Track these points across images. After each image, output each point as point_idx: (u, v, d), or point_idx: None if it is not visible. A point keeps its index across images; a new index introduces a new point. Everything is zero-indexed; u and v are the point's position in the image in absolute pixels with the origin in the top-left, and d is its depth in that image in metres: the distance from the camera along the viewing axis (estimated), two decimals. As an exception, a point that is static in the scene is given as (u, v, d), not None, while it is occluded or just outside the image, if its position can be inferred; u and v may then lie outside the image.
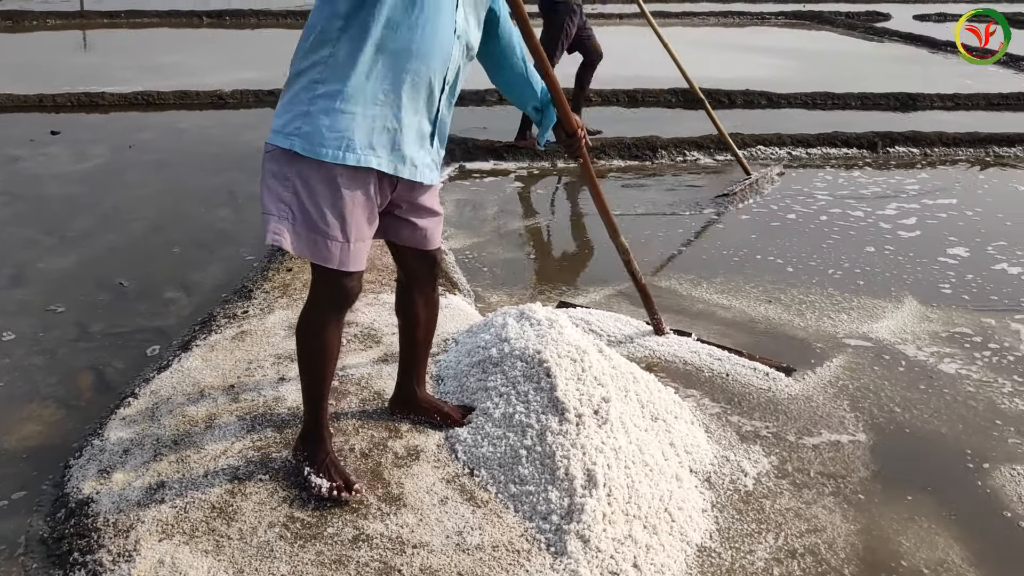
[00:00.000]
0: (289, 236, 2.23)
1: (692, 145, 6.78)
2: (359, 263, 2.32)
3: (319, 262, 2.28)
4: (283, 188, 2.22)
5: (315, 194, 2.20)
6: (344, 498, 2.42)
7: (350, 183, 2.21)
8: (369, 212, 2.29)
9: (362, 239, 2.30)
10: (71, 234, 4.82)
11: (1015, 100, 8.83)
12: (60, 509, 2.52)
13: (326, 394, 2.50)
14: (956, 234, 5.16)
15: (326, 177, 2.19)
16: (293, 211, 2.22)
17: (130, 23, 13.33)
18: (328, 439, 2.55)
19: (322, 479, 2.45)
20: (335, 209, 2.21)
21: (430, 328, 2.74)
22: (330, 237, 2.23)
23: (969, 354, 3.69)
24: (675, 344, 3.60)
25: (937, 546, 2.53)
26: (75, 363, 3.45)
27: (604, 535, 2.33)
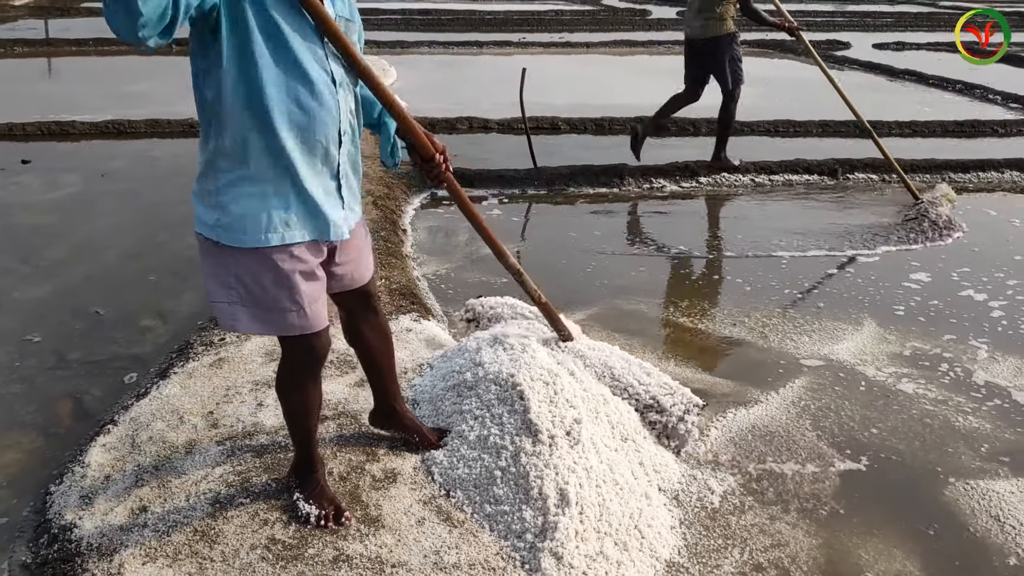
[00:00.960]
0: (244, 319, 2.28)
1: (658, 173, 6.94)
2: (321, 322, 2.34)
3: (285, 333, 2.33)
4: (225, 274, 2.24)
5: (256, 275, 2.22)
6: (332, 527, 2.49)
7: (284, 258, 2.22)
8: (312, 274, 2.29)
9: (315, 300, 2.31)
10: (45, 263, 4.85)
11: (970, 127, 9.11)
12: (43, 535, 2.56)
13: (313, 434, 2.58)
14: (916, 258, 5.34)
15: (260, 259, 2.21)
16: (240, 294, 2.25)
17: (98, 51, 13.33)
18: (320, 469, 2.62)
19: (312, 507, 2.52)
20: (279, 284, 2.23)
21: (386, 351, 2.76)
22: (284, 310, 2.26)
23: (926, 374, 3.83)
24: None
25: (895, 558, 2.65)
26: (53, 391, 3.49)
27: (577, 552, 2.42)
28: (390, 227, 5.37)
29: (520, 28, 17.50)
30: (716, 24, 6.75)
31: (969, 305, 4.61)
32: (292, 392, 2.47)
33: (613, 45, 15.46)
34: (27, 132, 7.79)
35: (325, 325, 2.37)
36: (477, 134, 8.49)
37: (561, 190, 6.69)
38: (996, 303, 4.63)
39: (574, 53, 14.56)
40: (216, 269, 2.25)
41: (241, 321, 2.28)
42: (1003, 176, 7.31)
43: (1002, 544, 2.73)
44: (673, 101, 7.14)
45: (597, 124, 8.74)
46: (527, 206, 6.47)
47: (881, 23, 20.74)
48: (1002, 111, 10.38)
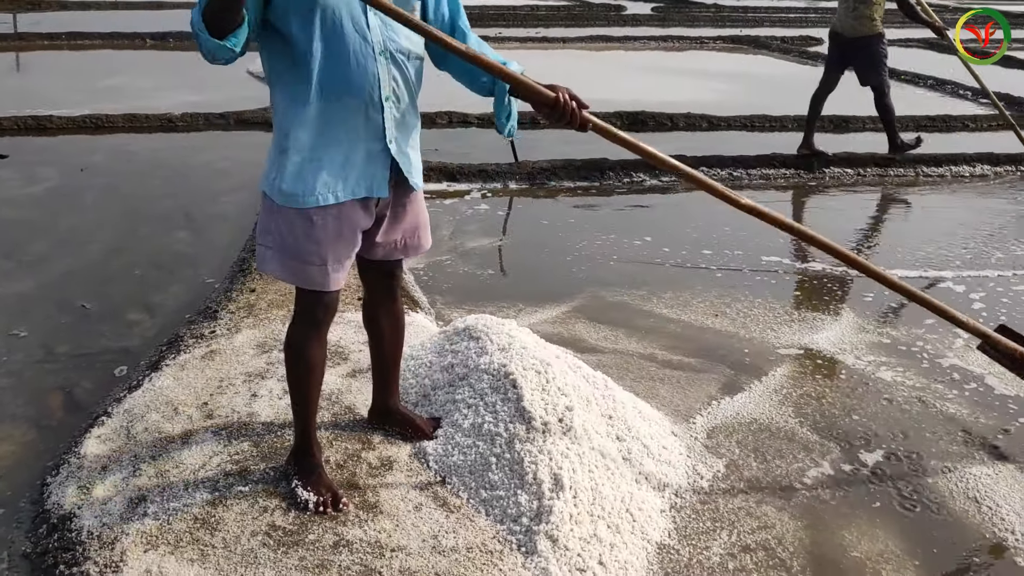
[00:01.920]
0: (273, 262, 2.49)
1: (639, 167, 7.01)
2: (338, 283, 2.51)
3: (302, 285, 2.49)
4: (269, 222, 2.47)
5: (294, 229, 2.42)
6: (330, 513, 2.54)
7: (323, 219, 2.40)
8: (343, 237, 2.46)
9: (339, 261, 2.48)
10: (28, 258, 4.83)
11: (942, 122, 9.27)
12: (42, 525, 2.58)
13: (314, 411, 2.66)
14: (890, 249, 5.45)
15: (301, 217, 2.40)
16: (275, 240, 2.45)
17: (71, 44, 13.21)
18: (318, 454, 2.69)
19: (310, 493, 2.58)
20: (312, 240, 2.42)
21: (396, 341, 2.87)
22: (308, 263, 2.44)
23: (904, 362, 3.93)
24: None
25: (878, 538, 2.73)
26: (43, 384, 3.50)
27: (571, 535, 2.48)
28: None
29: (496, 23, 17.53)
30: (868, 24, 7.09)
31: (949, 296, 4.72)
32: (299, 350, 2.57)
33: (589, 40, 15.54)
34: (3, 127, 7.72)
35: (340, 287, 2.53)
36: (457, 128, 8.53)
37: (543, 184, 6.75)
38: (976, 295, 4.76)
39: (550, 48, 14.63)
40: (264, 217, 2.49)
41: (269, 263, 2.49)
42: (974, 169, 7.45)
43: (979, 523, 2.83)
44: (815, 101, 7.45)
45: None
46: (509, 200, 6.52)
47: (852, 19, 20.95)
48: (973, 106, 10.58)
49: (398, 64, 2.41)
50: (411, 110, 2.50)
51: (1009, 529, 2.80)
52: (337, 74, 2.31)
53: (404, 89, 2.45)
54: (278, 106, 2.39)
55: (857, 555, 2.66)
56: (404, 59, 2.42)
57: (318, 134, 2.35)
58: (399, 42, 2.40)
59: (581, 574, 2.41)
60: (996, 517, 2.86)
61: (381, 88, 2.37)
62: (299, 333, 2.57)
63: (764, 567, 2.57)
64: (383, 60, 2.37)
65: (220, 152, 7.28)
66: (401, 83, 2.43)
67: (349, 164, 2.39)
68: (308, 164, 2.37)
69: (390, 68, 2.39)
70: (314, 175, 2.37)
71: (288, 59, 2.32)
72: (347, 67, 2.32)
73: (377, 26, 2.35)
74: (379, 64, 2.36)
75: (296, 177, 2.37)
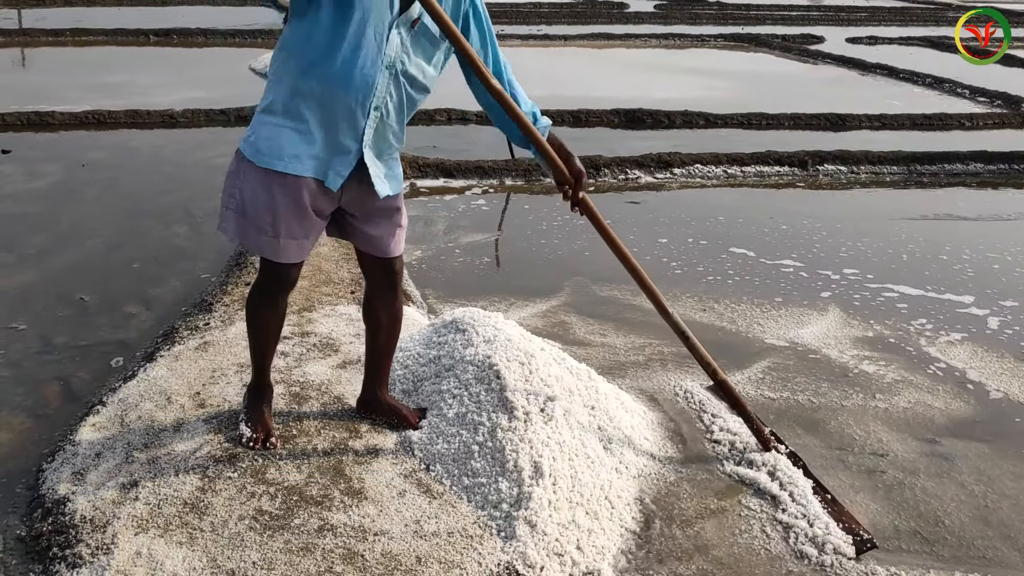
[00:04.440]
0: (231, 225, 2.62)
1: (633, 164, 7.07)
2: (288, 257, 2.62)
3: (252, 251, 2.69)
4: (233, 184, 2.60)
5: (254, 193, 2.55)
6: (257, 448, 2.80)
7: (282, 187, 2.52)
8: (300, 214, 2.57)
9: (292, 237, 2.59)
10: (29, 251, 4.92)
11: (938, 120, 9.32)
12: (36, 509, 2.66)
13: (268, 358, 2.90)
14: (888, 253, 5.52)
15: (262, 179, 2.53)
16: (237, 203, 2.58)
17: (75, 41, 13.29)
18: (267, 396, 2.95)
19: (247, 429, 2.84)
20: (267, 208, 2.54)
21: (391, 334, 2.94)
22: (261, 231, 2.57)
23: (886, 356, 4.00)
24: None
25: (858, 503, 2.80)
26: (41, 375, 3.57)
27: (550, 520, 2.55)
28: (370, 216, 5.47)
29: (498, 20, 17.56)
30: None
31: (937, 300, 4.79)
32: (255, 308, 2.80)
33: (591, 38, 15.59)
34: (6, 122, 7.80)
35: (293, 262, 2.65)
36: (456, 125, 8.60)
37: (538, 180, 6.81)
38: (969, 297, 4.83)
39: (552, 46, 14.70)
40: (230, 178, 2.61)
41: (228, 224, 2.62)
42: (968, 168, 7.50)
43: (959, 505, 2.90)
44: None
45: (574, 116, 8.86)
46: (506, 196, 6.59)
47: (855, 17, 21.01)
48: (970, 104, 10.62)
49: (399, 84, 2.50)
50: (396, 128, 2.59)
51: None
52: (343, 67, 2.40)
53: (395, 107, 2.54)
54: (280, 72, 2.49)
55: (830, 542, 2.73)
56: (407, 83, 2.52)
57: (305, 110, 2.45)
58: (408, 68, 2.50)
59: (559, 558, 2.48)
60: (977, 500, 2.93)
61: (375, 97, 2.47)
62: (254, 297, 2.79)
63: (742, 552, 2.64)
64: (387, 73, 2.46)
65: (220, 148, 7.34)
66: (395, 100, 2.52)
67: (320, 147, 2.49)
68: (285, 130, 2.48)
69: (390, 83, 2.48)
70: (288, 142, 2.48)
71: (307, 35, 2.41)
72: (353, 66, 2.41)
73: (396, 44, 2.45)
74: (381, 75, 2.45)
75: (270, 138, 2.49)
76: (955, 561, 2.68)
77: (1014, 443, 3.36)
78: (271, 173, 2.50)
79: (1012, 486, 3.06)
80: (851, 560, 2.59)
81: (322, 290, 4.22)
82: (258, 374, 2.92)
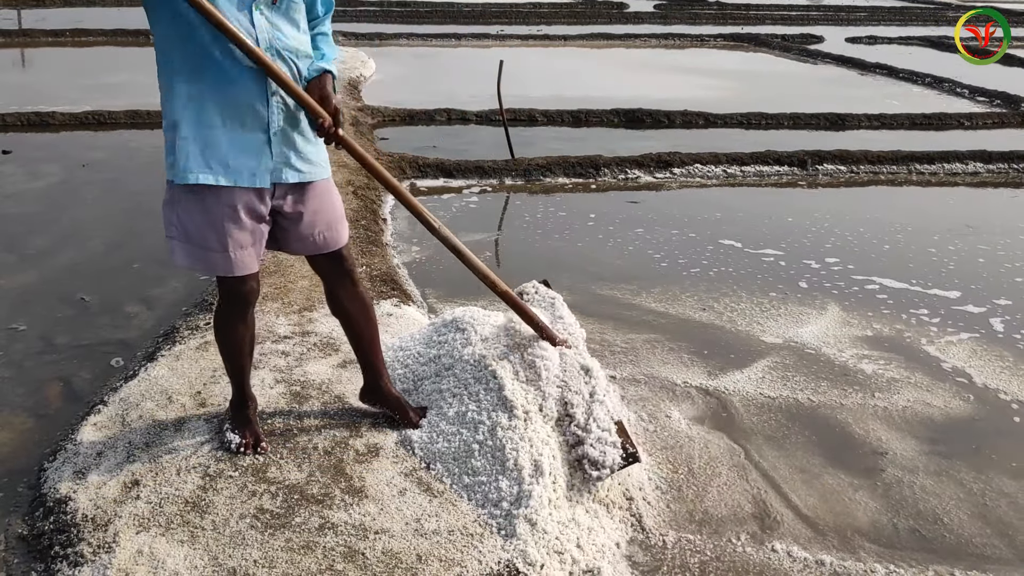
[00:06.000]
0: (179, 252, 2.60)
1: (633, 164, 7.08)
2: (243, 268, 2.60)
3: (207, 272, 2.65)
4: (170, 212, 2.59)
5: (191, 215, 2.54)
6: (248, 454, 2.79)
7: (214, 199, 2.51)
8: (240, 223, 2.55)
9: (240, 246, 2.57)
10: (30, 252, 4.93)
11: (936, 120, 9.33)
12: (38, 508, 2.67)
13: (245, 373, 2.88)
14: (886, 253, 5.52)
15: (192, 197, 2.52)
16: (179, 230, 2.58)
17: (75, 41, 13.32)
18: (250, 406, 2.92)
19: (235, 435, 2.82)
20: (210, 226, 2.53)
21: (367, 322, 2.92)
22: (208, 249, 2.56)
23: (885, 355, 4.00)
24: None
25: (855, 500, 2.81)
26: (42, 374, 3.59)
27: (550, 519, 2.56)
28: (370, 216, 5.48)
29: (498, 20, 17.61)
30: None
31: (937, 299, 4.80)
32: (224, 330, 2.78)
33: (590, 38, 15.61)
34: (6, 123, 7.82)
35: (249, 272, 2.63)
36: (455, 125, 8.61)
37: (538, 180, 6.83)
38: (969, 297, 4.83)
39: (552, 46, 14.70)
40: (166, 208, 2.60)
41: (177, 254, 2.61)
42: (967, 167, 7.51)
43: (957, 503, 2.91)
44: None
45: (574, 116, 8.87)
46: (505, 196, 6.60)
47: (855, 17, 21.04)
48: (969, 104, 10.62)
49: (285, 61, 2.51)
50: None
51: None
52: (225, 66, 2.41)
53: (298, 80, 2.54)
54: (167, 88, 2.47)
55: (817, 514, 2.74)
56: (292, 56, 2.53)
57: (203, 119, 2.44)
58: (285, 40, 2.51)
59: (559, 556, 2.49)
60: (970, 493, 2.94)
61: (268, 83, 2.47)
62: (221, 316, 2.78)
63: (741, 547, 2.65)
64: (270, 56, 2.45)
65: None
66: (296, 73, 2.53)
67: (233, 151, 2.48)
68: (194, 144, 2.45)
69: (278, 64, 2.47)
70: (202, 155, 2.46)
71: (179, 44, 2.41)
72: (233, 60, 2.41)
73: (264, 25, 2.46)
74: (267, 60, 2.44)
75: (185, 155, 2.46)
76: (954, 559, 2.69)
77: (1013, 441, 3.37)
78: (199, 188, 2.49)
79: (1011, 484, 3.07)
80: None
81: (321, 289, 4.21)
82: (238, 389, 2.90)
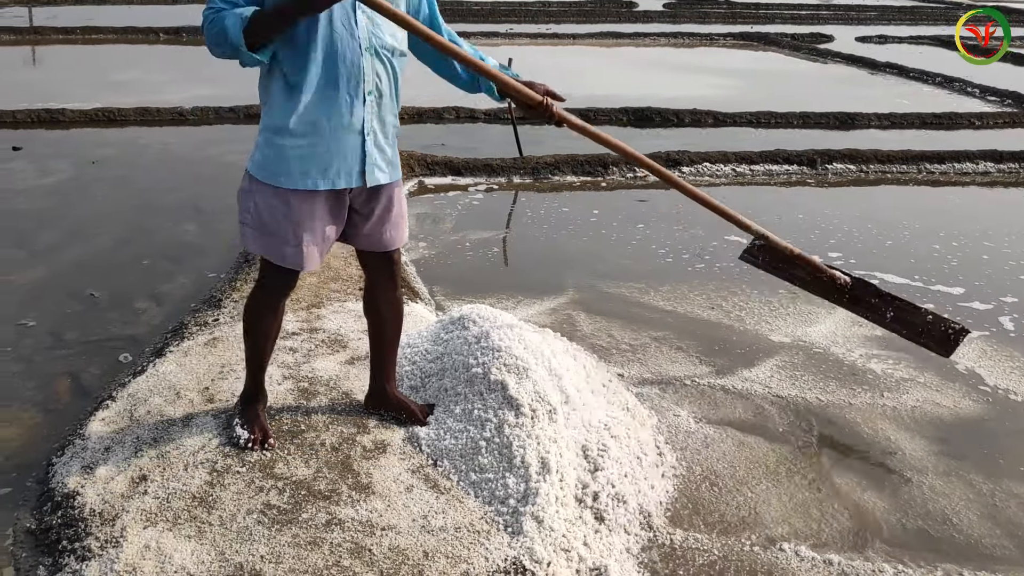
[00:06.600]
0: (250, 237, 2.67)
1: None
2: (311, 264, 2.67)
3: (278, 262, 2.66)
4: (247, 201, 2.65)
5: (271, 207, 2.60)
6: (256, 450, 2.79)
7: (298, 199, 2.58)
8: (318, 219, 2.62)
9: (313, 243, 2.64)
10: (39, 248, 4.94)
11: (947, 119, 9.28)
12: (46, 503, 2.68)
13: (264, 364, 2.91)
14: (887, 247, 5.50)
15: (276, 194, 2.58)
16: (253, 217, 2.63)
17: (85, 39, 13.35)
18: (261, 402, 2.94)
19: (244, 431, 2.84)
20: (286, 218, 2.59)
21: (395, 327, 2.96)
22: (284, 242, 2.62)
23: (894, 355, 3.99)
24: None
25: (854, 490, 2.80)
26: (51, 369, 3.60)
27: (557, 516, 2.56)
28: (378, 214, 5.48)
29: (507, 19, 17.59)
30: None
31: (945, 299, 4.78)
32: (257, 315, 2.82)
33: (599, 37, 15.58)
34: (17, 119, 7.85)
35: (314, 269, 2.72)
36: (464, 123, 8.61)
37: (547, 179, 6.82)
38: (979, 295, 4.81)
39: (560, 44, 14.68)
40: (243, 195, 2.66)
41: (248, 240, 2.68)
42: (977, 167, 7.47)
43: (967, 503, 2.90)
44: None
45: (583, 115, 8.83)
46: (513, 194, 6.59)
47: (865, 16, 20.94)
48: (979, 103, 10.57)
49: (382, 60, 2.56)
50: (391, 105, 2.64)
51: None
52: (328, 67, 2.46)
53: (386, 84, 2.59)
54: (270, 92, 2.53)
55: (827, 508, 2.73)
56: (388, 55, 2.57)
57: (305, 123, 2.49)
58: (383, 39, 2.55)
59: (566, 554, 2.49)
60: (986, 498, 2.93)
61: (365, 82, 2.52)
62: (257, 302, 2.81)
63: (748, 547, 2.64)
64: (368, 56, 2.51)
65: (230, 145, 7.37)
66: (384, 78, 2.58)
67: (329, 154, 2.54)
68: (292, 149, 2.52)
69: (374, 63, 2.54)
70: (297, 160, 2.52)
71: (286, 50, 2.45)
72: (336, 61, 2.47)
73: (364, 23, 2.50)
74: (364, 59, 2.50)
75: (277, 159, 2.53)
76: (963, 559, 2.67)
77: (1023, 442, 3.35)
78: (284, 189, 2.56)
79: (1021, 485, 3.05)
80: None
81: (330, 287, 4.23)
82: (254, 380, 2.92)
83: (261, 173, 2.57)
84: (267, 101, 2.55)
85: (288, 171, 2.53)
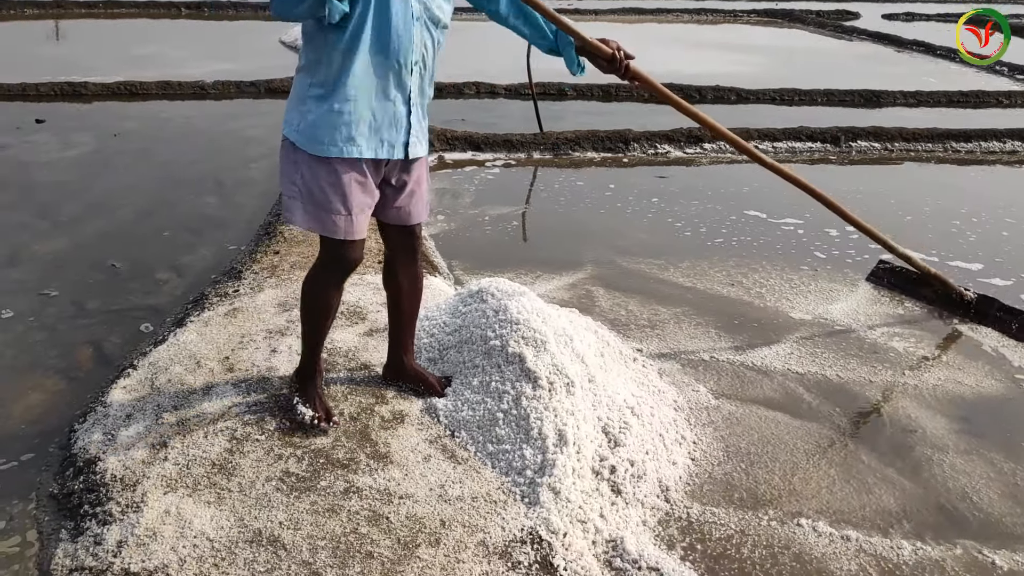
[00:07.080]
0: (299, 213, 2.59)
1: (663, 138, 7.02)
2: (361, 232, 2.62)
3: (326, 234, 2.60)
4: (293, 172, 2.57)
5: (317, 177, 2.54)
6: (323, 427, 2.77)
7: (345, 167, 2.54)
8: (365, 187, 2.59)
9: (362, 211, 2.60)
10: (62, 219, 4.98)
11: (974, 97, 9.16)
12: (68, 468, 2.71)
13: (322, 341, 2.87)
14: (913, 235, 5.45)
15: (324, 164, 2.53)
16: (300, 191, 2.56)
17: (108, 13, 13.41)
18: (319, 376, 2.89)
19: (307, 408, 2.81)
20: (335, 189, 2.54)
21: (414, 300, 2.96)
22: (334, 212, 2.56)
23: (916, 334, 3.95)
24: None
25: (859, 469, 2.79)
26: (74, 338, 3.63)
27: (574, 488, 2.56)
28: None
29: (529, -5, 17.42)
30: None
31: (964, 274, 4.73)
32: (317, 294, 2.74)
33: (622, 12, 15.47)
34: (40, 92, 7.90)
35: (363, 237, 2.64)
36: (484, 99, 8.58)
37: (567, 154, 6.79)
38: (1001, 274, 4.76)
39: (582, 20, 14.55)
40: (287, 166, 2.59)
41: (296, 214, 2.59)
42: (1004, 146, 7.37)
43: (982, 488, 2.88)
44: None
45: (603, 90, 8.80)
46: (533, 169, 6.57)
47: (892, -7, 20.63)
48: (1008, 82, 10.41)
49: (429, 31, 2.55)
50: (431, 78, 2.63)
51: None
52: (381, 34, 2.43)
53: (431, 55, 2.58)
54: (316, 56, 2.47)
55: (839, 479, 2.72)
56: (433, 26, 2.56)
57: (353, 88, 2.46)
58: (433, 11, 2.54)
59: (582, 525, 2.49)
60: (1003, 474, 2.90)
61: (413, 52, 2.51)
62: (321, 280, 2.73)
63: (766, 521, 2.63)
64: (419, 25, 2.50)
65: (250, 120, 7.40)
66: (430, 49, 2.57)
67: (375, 122, 2.52)
68: (339, 116, 2.47)
69: (424, 33, 2.53)
70: (344, 126, 2.48)
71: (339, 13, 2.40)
72: (389, 28, 2.44)
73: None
74: (415, 28, 2.49)
75: (321, 126, 2.48)
76: (983, 537, 2.65)
77: (1046, 421, 3.32)
78: (331, 158, 2.52)
79: (1042, 464, 3.02)
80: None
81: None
82: (311, 357, 2.87)
83: (306, 142, 2.51)
84: (315, 63, 2.48)
85: (334, 138, 2.48)
